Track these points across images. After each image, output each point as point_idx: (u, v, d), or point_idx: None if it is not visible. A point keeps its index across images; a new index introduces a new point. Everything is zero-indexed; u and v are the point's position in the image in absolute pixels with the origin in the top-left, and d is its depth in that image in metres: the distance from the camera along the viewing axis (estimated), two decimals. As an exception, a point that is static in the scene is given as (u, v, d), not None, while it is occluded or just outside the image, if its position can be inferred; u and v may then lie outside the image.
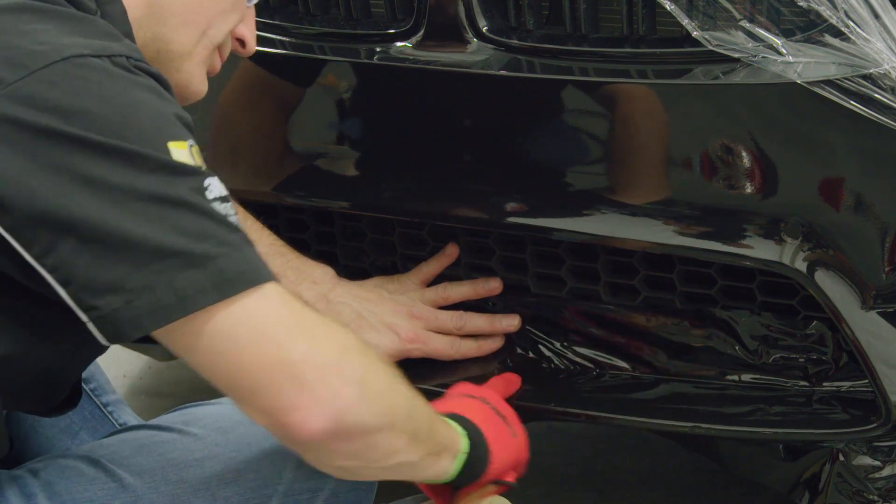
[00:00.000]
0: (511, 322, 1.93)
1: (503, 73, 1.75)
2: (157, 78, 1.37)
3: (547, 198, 1.78)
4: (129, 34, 1.44)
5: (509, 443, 1.62)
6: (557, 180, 1.77)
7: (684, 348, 1.88)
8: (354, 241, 2.04)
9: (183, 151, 1.32)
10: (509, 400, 1.71)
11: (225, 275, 1.29)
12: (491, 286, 1.94)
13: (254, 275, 1.31)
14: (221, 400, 1.63)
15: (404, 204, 1.88)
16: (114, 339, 1.31)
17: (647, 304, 1.88)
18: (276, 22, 1.94)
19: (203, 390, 1.45)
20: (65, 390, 1.55)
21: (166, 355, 2.35)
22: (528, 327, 1.96)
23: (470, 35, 1.79)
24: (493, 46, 1.78)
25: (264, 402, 1.33)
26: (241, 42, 1.58)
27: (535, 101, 1.76)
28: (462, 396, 1.65)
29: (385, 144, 1.88)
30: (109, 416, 1.81)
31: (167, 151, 1.30)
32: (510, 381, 1.85)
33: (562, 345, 1.94)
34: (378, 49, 1.84)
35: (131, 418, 1.83)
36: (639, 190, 1.73)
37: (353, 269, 2.05)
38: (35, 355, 1.42)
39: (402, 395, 1.42)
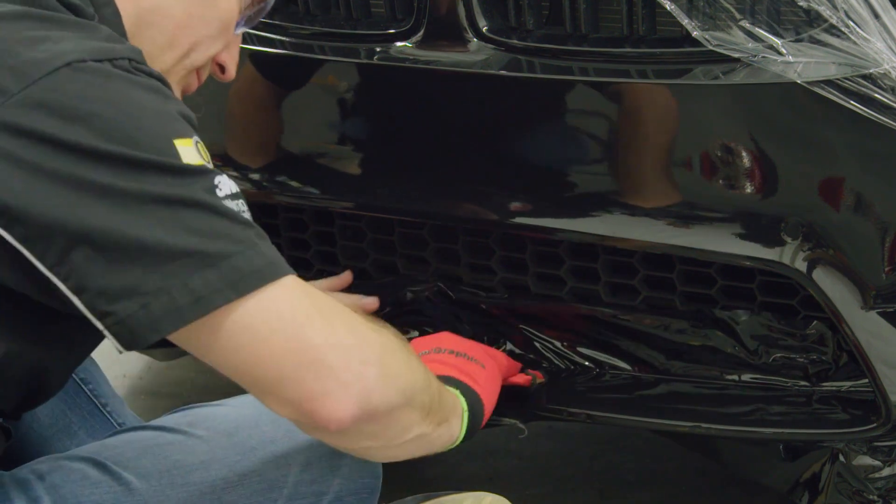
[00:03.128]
0: (371, 303, 1.95)
1: (503, 73, 1.75)
2: (158, 78, 1.37)
3: (547, 198, 1.78)
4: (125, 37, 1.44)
5: (485, 376, 1.67)
6: (557, 180, 1.77)
7: (684, 348, 1.88)
8: (354, 241, 2.04)
9: (189, 149, 1.32)
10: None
11: (240, 272, 1.29)
12: (343, 279, 1.99)
13: (270, 270, 1.31)
14: (226, 401, 1.62)
15: (404, 204, 1.88)
16: (130, 345, 1.30)
17: (647, 304, 1.88)
18: (276, 22, 1.94)
19: (203, 390, 1.45)
20: (51, 394, 1.54)
21: (167, 356, 2.35)
22: (525, 327, 1.96)
23: (470, 35, 1.79)
24: (493, 46, 1.78)
25: (289, 392, 1.33)
26: (222, 68, 1.58)
27: (535, 101, 1.76)
28: (424, 356, 1.69)
29: (385, 144, 1.88)
30: (109, 417, 1.81)
31: (174, 152, 1.30)
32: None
33: (562, 345, 1.94)
34: (378, 49, 1.84)
35: (131, 418, 1.82)
36: (639, 190, 1.73)
37: (353, 269, 2.04)
38: (28, 359, 1.41)
39: (416, 370, 1.44)
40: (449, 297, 1.97)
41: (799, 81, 1.56)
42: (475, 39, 1.79)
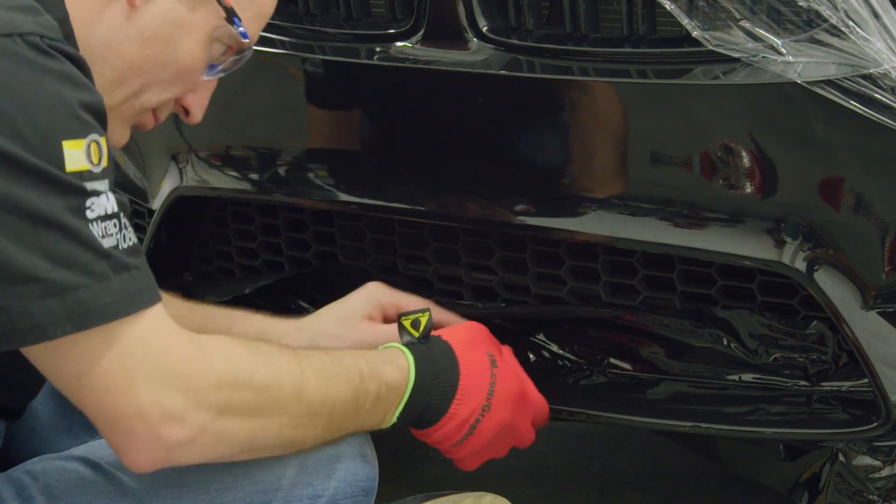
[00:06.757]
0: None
1: (503, 73, 1.75)
2: (75, 60, 1.31)
3: (546, 198, 1.78)
4: (65, 21, 1.36)
5: (481, 372, 1.65)
6: (557, 180, 1.77)
7: (684, 348, 1.88)
8: (354, 241, 2.04)
9: (78, 152, 1.27)
10: None
11: (84, 307, 1.27)
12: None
13: (114, 308, 1.29)
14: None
15: (404, 204, 1.88)
16: None
17: (647, 304, 1.88)
18: (276, 22, 1.93)
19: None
20: None
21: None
22: (524, 327, 1.96)
23: (470, 35, 1.79)
24: (493, 46, 1.78)
25: (100, 428, 1.37)
26: (186, 110, 1.53)
27: (535, 101, 1.76)
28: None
29: (385, 145, 1.88)
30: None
31: (59, 157, 1.26)
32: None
33: (561, 344, 1.94)
34: (378, 49, 1.84)
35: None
36: (638, 190, 1.72)
37: (353, 269, 2.04)
38: None
39: (285, 378, 1.44)
40: None
41: (799, 81, 1.56)
42: (475, 39, 1.79)
